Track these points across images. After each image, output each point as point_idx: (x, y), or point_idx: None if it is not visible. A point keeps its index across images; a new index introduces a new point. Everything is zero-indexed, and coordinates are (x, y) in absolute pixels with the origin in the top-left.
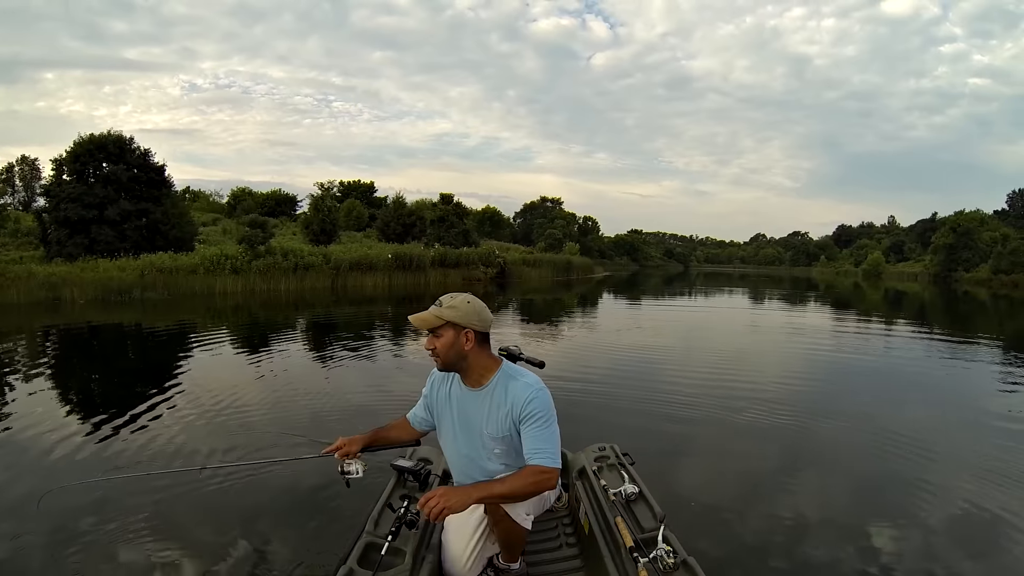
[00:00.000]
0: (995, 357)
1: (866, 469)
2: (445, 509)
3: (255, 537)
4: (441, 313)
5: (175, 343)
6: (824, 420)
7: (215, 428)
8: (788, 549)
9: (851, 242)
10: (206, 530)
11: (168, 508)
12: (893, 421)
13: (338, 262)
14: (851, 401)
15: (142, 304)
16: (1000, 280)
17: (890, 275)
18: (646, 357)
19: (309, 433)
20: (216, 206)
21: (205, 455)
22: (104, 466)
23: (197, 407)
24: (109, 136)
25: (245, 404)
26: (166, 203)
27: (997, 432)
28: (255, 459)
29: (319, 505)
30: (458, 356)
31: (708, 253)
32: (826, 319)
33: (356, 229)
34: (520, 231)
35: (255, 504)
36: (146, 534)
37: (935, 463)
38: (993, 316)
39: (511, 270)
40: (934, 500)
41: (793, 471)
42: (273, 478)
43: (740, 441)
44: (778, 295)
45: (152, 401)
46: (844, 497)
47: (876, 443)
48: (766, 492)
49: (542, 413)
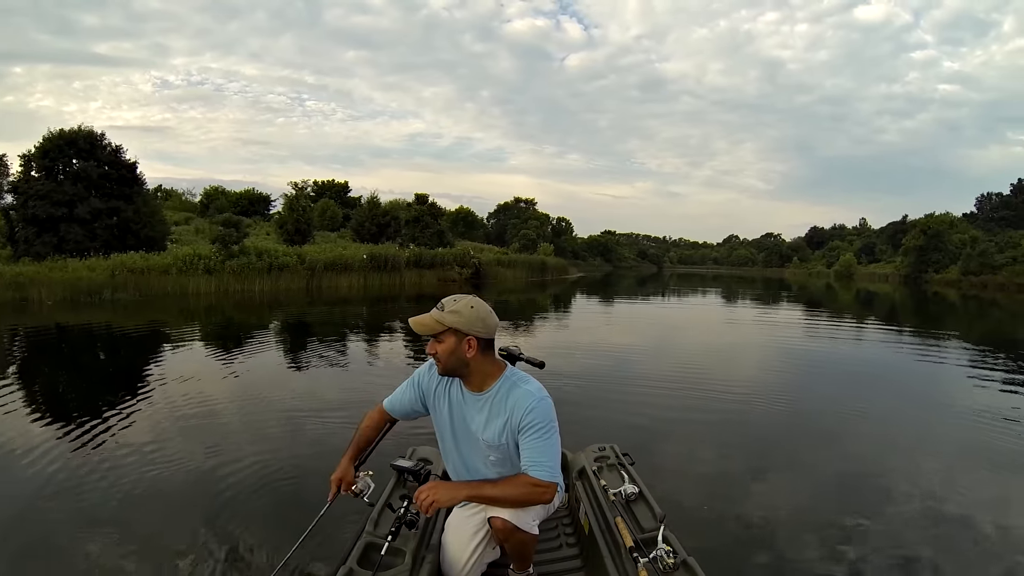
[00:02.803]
0: (964, 355)
1: (866, 468)
2: (435, 502)
3: (254, 538)
4: (443, 319)
5: (146, 345)
6: (824, 419)
7: (186, 433)
8: (789, 548)
9: (823, 244)
10: (203, 532)
11: (164, 509)
12: (890, 418)
13: (313, 262)
14: (848, 400)
15: (112, 305)
16: (969, 281)
17: (862, 276)
18: (643, 356)
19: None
20: (188, 205)
21: (179, 460)
22: (74, 471)
23: (170, 411)
24: (80, 132)
25: (217, 412)
26: (138, 201)
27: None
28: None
29: (319, 505)
30: (460, 363)
31: (681, 254)
32: (807, 319)
33: (330, 229)
34: (494, 232)
35: (255, 504)
36: (137, 537)
37: (930, 461)
38: (962, 316)
39: (486, 271)
40: (933, 500)
41: (794, 470)
42: (272, 478)
43: (740, 440)
44: (756, 296)
45: (122, 406)
46: (846, 496)
47: (875, 442)
48: (766, 491)
49: (542, 423)
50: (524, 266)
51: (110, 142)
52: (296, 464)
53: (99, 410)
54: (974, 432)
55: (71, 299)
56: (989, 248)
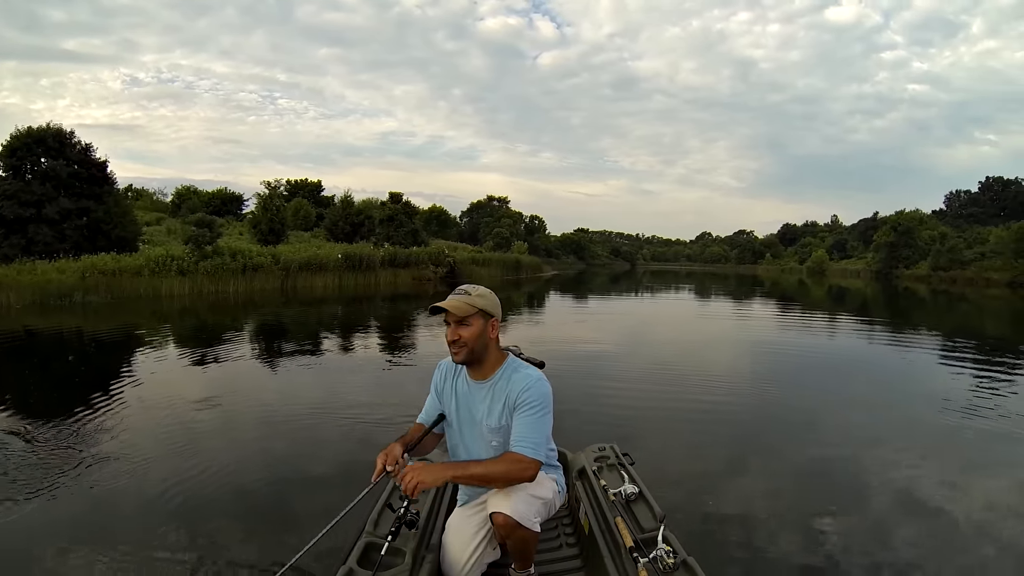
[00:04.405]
0: (934, 347)
1: (866, 466)
2: (419, 484)
3: (255, 538)
4: (473, 301)
5: (119, 350)
6: (823, 415)
7: (159, 439)
8: (789, 548)
9: (795, 240)
10: (201, 533)
11: (158, 511)
12: (886, 415)
13: (287, 263)
14: (838, 393)
15: (84, 308)
16: (939, 276)
17: (834, 272)
18: (640, 356)
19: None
20: (160, 205)
21: (151, 466)
22: (42, 480)
23: (143, 417)
24: (48, 130)
25: (190, 417)
26: (108, 201)
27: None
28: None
29: (319, 506)
30: (483, 345)
31: (655, 251)
32: (786, 315)
33: (304, 229)
34: (467, 230)
35: (255, 505)
36: (132, 539)
37: (923, 460)
38: (932, 310)
39: (460, 269)
40: (931, 497)
41: (795, 469)
42: (271, 479)
43: (739, 439)
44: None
45: (94, 413)
46: (848, 495)
47: (871, 439)
48: (767, 491)
49: (536, 402)
50: (499, 264)
51: (79, 140)
52: (268, 466)
53: (70, 418)
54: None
55: (40, 302)
56: (958, 244)
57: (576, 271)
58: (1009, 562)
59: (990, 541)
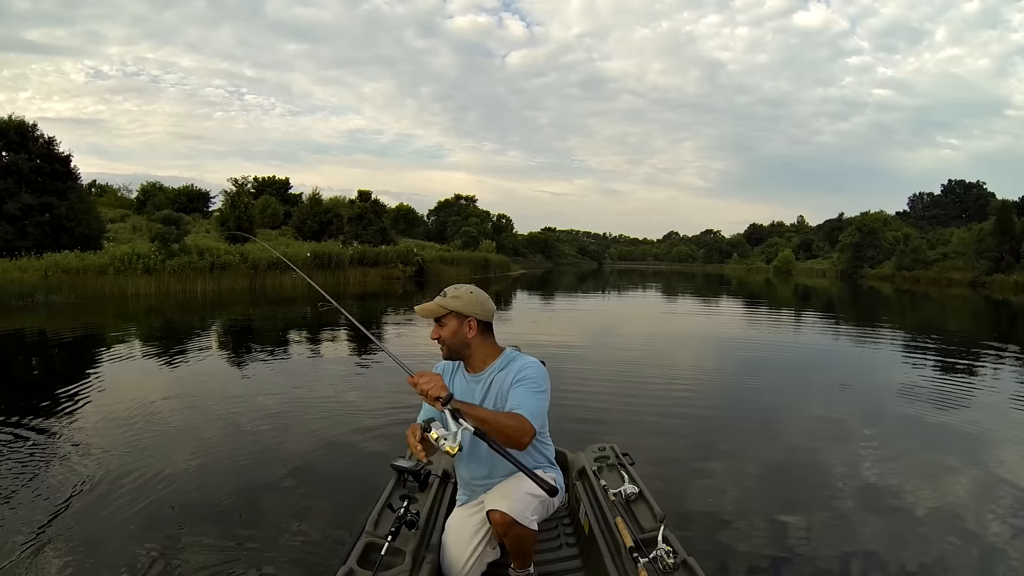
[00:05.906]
0: (897, 344)
1: (867, 465)
2: (430, 390)
3: (255, 538)
4: (445, 303)
5: (83, 352)
6: (823, 417)
7: (123, 443)
8: (789, 547)
9: (762, 240)
10: (201, 533)
11: (155, 512)
12: (885, 414)
13: (256, 261)
14: (843, 396)
15: (47, 308)
16: (903, 276)
17: (800, 272)
18: (637, 355)
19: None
20: (124, 202)
21: (114, 470)
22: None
23: (107, 421)
24: (10, 122)
25: (155, 420)
26: (72, 197)
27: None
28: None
29: (318, 505)
30: (462, 344)
31: (622, 251)
32: (760, 314)
33: (271, 227)
34: (434, 229)
35: (254, 505)
36: (130, 541)
37: (919, 458)
38: (896, 309)
39: (429, 268)
40: (929, 496)
41: (795, 469)
42: (271, 479)
43: (739, 438)
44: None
45: (56, 417)
46: (846, 493)
47: (874, 440)
48: (767, 490)
49: (535, 378)
50: (467, 263)
51: (43, 134)
52: (235, 468)
53: (31, 422)
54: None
55: (1, 303)
56: (921, 245)
57: (543, 270)
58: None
59: None
